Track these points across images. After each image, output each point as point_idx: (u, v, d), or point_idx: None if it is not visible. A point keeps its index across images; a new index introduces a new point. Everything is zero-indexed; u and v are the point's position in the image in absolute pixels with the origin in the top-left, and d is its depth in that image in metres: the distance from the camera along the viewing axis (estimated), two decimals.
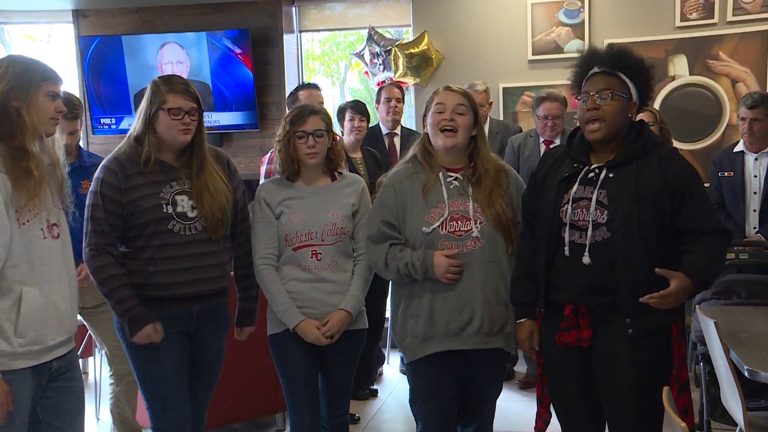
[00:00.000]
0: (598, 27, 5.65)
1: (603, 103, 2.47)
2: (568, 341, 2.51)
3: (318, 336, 2.84)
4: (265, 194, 2.94)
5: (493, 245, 2.69)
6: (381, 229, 2.76)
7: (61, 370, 2.39)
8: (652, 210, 2.40)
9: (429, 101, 2.79)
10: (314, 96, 4.32)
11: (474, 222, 2.68)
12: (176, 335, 2.78)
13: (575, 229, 2.49)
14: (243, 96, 6.15)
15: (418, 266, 2.66)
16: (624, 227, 2.40)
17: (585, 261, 2.45)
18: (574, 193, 2.51)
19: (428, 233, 2.67)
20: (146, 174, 2.72)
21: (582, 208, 2.48)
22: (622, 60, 2.53)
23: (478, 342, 2.69)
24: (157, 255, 2.72)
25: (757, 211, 4.33)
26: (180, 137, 2.73)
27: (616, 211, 2.42)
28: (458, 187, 2.73)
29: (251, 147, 6.34)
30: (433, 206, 2.70)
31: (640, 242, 2.39)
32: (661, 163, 2.45)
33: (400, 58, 5.86)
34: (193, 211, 2.76)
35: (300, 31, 6.47)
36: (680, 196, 2.42)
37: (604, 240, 2.43)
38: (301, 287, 2.88)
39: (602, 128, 2.49)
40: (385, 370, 5.23)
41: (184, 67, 6.13)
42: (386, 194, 2.79)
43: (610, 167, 2.48)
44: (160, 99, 2.71)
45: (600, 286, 2.44)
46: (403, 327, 2.77)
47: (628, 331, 2.42)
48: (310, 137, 2.88)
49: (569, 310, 2.51)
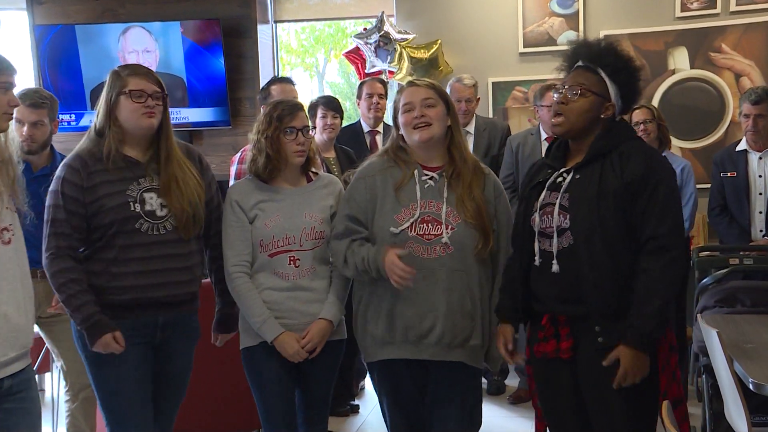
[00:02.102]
0: (593, 17, 5.67)
1: (572, 98, 2.51)
2: (546, 352, 2.53)
3: (298, 350, 2.82)
4: (237, 196, 2.92)
5: (462, 253, 2.70)
6: (347, 225, 2.78)
7: (14, 389, 2.31)
8: (613, 211, 2.41)
9: (396, 101, 2.83)
10: (287, 91, 4.29)
11: (445, 227, 2.69)
12: (140, 347, 2.75)
13: (545, 237, 2.53)
14: (214, 91, 6.12)
15: (370, 262, 2.68)
16: (585, 231, 2.43)
17: (554, 269, 2.48)
18: (541, 199, 2.55)
19: (396, 234, 2.69)
20: (111, 171, 2.70)
21: (547, 214, 2.52)
22: (605, 57, 2.54)
23: (437, 353, 2.71)
24: (121, 256, 2.70)
25: (763, 213, 4.36)
26: (144, 122, 2.72)
27: (577, 214, 2.45)
28: (433, 188, 2.75)
29: (223, 145, 6.31)
30: (404, 206, 2.72)
31: (602, 246, 2.41)
32: (622, 158, 2.46)
33: (405, 61, 5.81)
34: (163, 210, 2.74)
35: (275, 22, 6.46)
36: (633, 194, 2.42)
37: (570, 246, 2.46)
38: (278, 296, 2.86)
39: (563, 123, 2.53)
40: (367, 383, 5.20)
41: (153, 56, 6.09)
42: (356, 187, 2.81)
43: (577, 169, 2.52)
44: (121, 83, 2.70)
45: (571, 295, 2.47)
46: (363, 326, 2.81)
47: (597, 340, 2.44)
48: (300, 134, 2.88)
49: (546, 319, 2.54)
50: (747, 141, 4.47)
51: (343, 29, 12.72)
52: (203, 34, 6.03)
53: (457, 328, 2.71)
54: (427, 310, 2.69)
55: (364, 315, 2.81)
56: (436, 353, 2.72)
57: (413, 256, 2.68)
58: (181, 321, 2.85)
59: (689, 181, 4.49)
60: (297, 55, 13.60)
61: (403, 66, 5.79)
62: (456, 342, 2.72)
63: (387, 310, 2.73)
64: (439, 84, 2.93)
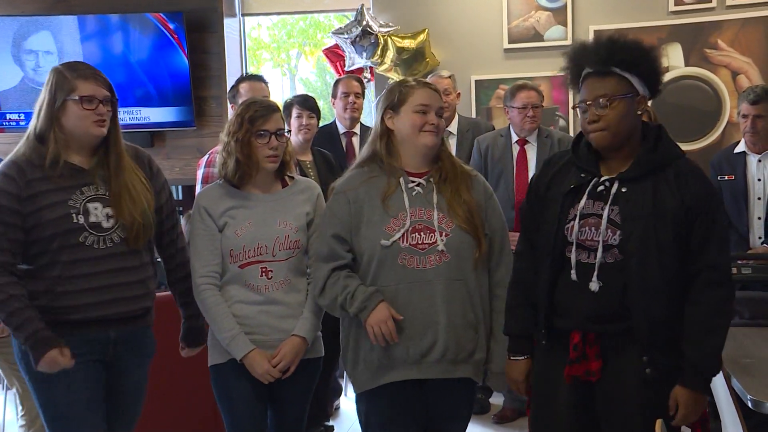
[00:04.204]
0: (582, 11, 5.70)
1: (601, 112, 2.43)
2: (578, 375, 2.46)
3: (268, 370, 2.81)
4: (205, 202, 2.91)
5: (459, 260, 2.69)
6: (332, 246, 2.74)
7: None
8: (672, 232, 2.37)
9: (399, 94, 2.78)
10: (258, 89, 4.28)
11: (439, 234, 2.68)
12: (90, 365, 2.72)
13: (582, 249, 2.47)
14: (177, 89, 6.09)
15: (359, 300, 2.64)
16: (640, 250, 2.38)
17: (593, 287, 2.42)
18: (581, 208, 2.48)
19: (388, 246, 2.66)
20: (52, 179, 2.66)
21: (590, 226, 2.45)
22: (614, 54, 2.46)
23: (441, 371, 2.69)
24: (66, 273, 2.66)
25: (762, 219, 4.38)
26: (94, 130, 2.69)
27: (632, 232, 2.39)
28: (421, 195, 2.74)
29: (187, 147, 6.29)
30: (392, 216, 2.70)
31: (657, 269, 2.37)
32: (679, 179, 2.42)
33: (390, 52, 5.79)
34: (109, 221, 2.71)
35: (243, 15, 6.45)
36: (692, 221, 2.39)
37: (617, 262, 2.41)
38: (249, 310, 2.85)
39: (606, 136, 2.45)
40: (343, 403, 5.19)
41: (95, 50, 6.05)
42: (337, 203, 2.77)
43: (623, 180, 2.45)
44: (69, 87, 2.66)
45: (610, 312, 2.42)
46: (356, 353, 2.76)
47: (645, 371, 2.40)
48: (273, 137, 2.86)
49: (579, 338, 2.46)
50: (745, 142, 4.50)
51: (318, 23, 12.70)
52: (165, 28, 6.00)
53: (461, 342, 2.69)
54: (427, 326, 2.66)
55: (356, 339, 2.76)
56: (441, 371, 2.69)
57: (406, 269, 2.67)
58: (135, 336, 2.83)
59: None
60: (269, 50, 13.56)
61: (387, 57, 5.78)
62: (461, 356, 2.70)
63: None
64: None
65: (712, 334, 2.36)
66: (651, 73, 2.50)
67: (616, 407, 2.45)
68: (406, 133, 2.76)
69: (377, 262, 2.68)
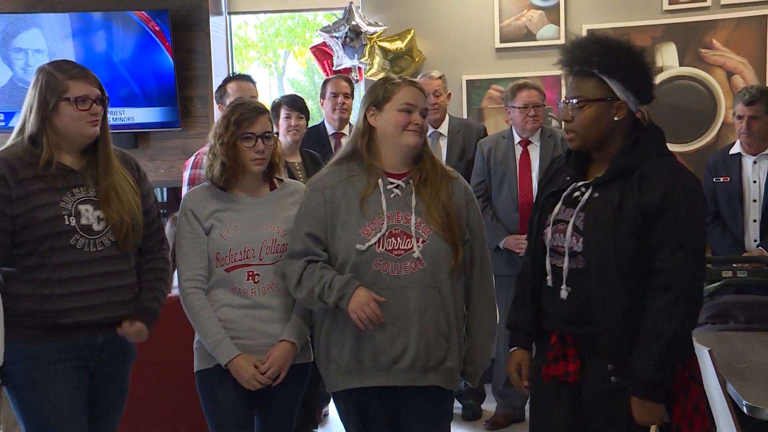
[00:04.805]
0: (575, 10, 5.70)
1: (574, 113, 2.48)
2: (556, 375, 2.51)
3: (254, 376, 2.80)
4: (192, 204, 2.90)
5: (435, 268, 2.69)
6: (306, 245, 2.74)
7: None
8: (632, 238, 2.38)
9: (384, 91, 2.78)
10: (245, 89, 4.28)
11: (416, 240, 2.68)
12: (73, 371, 2.71)
13: (556, 254, 2.52)
14: (162, 89, 6.06)
15: (336, 288, 2.64)
16: (599, 258, 2.41)
17: (562, 294, 2.47)
18: (555, 213, 2.53)
19: (363, 251, 2.67)
20: (44, 179, 2.66)
21: (560, 233, 2.51)
22: (593, 55, 2.47)
23: (410, 378, 2.71)
24: (55, 276, 2.65)
25: (758, 221, 4.39)
26: (89, 130, 2.70)
27: (592, 239, 2.42)
28: (399, 197, 2.74)
29: (172, 149, 6.26)
30: (369, 219, 2.70)
31: (616, 276, 2.38)
32: (642, 180, 2.40)
33: (377, 56, 5.78)
34: (100, 224, 2.71)
35: (229, 13, 6.43)
36: (651, 222, 2.38)
37: (579, 269, 2.45)
38: (235, 314, 2.84)
39: (576, 139, 2.51)
40: (331, 409, 5.18)
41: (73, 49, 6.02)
42: (314, 201, 2.77)
43: (596, 186, 2.48)
44: (61, 88, 2.66)
45: (578, 318, 2.47)
46: (327, 352, 2.78)
47: (611, 380, 2.42)
48: (259, 141, 2.85)
49: (555, 338, 2.53)
50: (741, 144, 4.51)
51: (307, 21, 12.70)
52: (150, 27, 5.98)
53: (432, 350, 2.70)
54: (398, 333, 2.68)
55: (326, 339, 2.78)
56: (410, 379, 2.71)
57: (381, 275, 2.67)
58: (121, 341, 2.82)
59: None
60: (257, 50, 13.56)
61: (375, 61, 5.77)
62: (431, 365, 2.71)
63: (353, 334, 2.70)
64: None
65: (655, 340, 2.34)
66: (636, 79, 2.48)
67: (598, 411, 2.49)
68: (388, 132, 2.76)
69: (351, 266, 2.69)
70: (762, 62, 5.44)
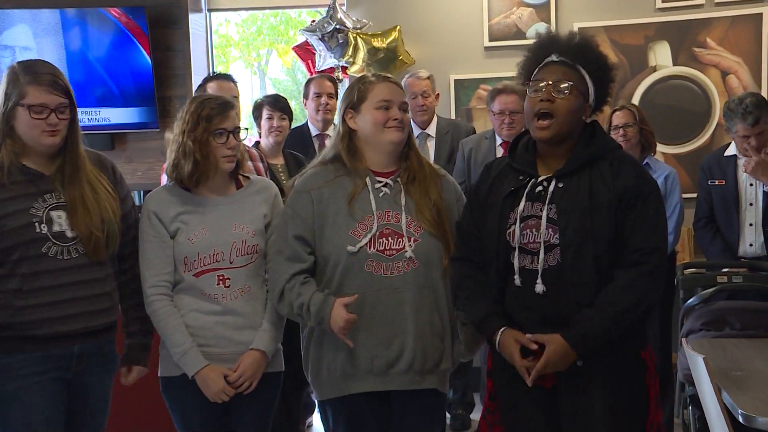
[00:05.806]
0: (566, 8, 5.72)
1: (558, 96, 2.51)
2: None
3: (223, 388, 2.78)
4: (155, 207, 2.86)
5: (428, 267, 2.70)
6: (294, 248, 2.73)
7: None
8: (608, 222, 2.46)
9: (359, 92, 2.79)
10: (226, 89, 4.27)
11: (408, 239, 2.68)
12: (49, 383, 2.69)
13: (526, 254, 2.53)
14: (139, 88, 6.05)
15: (313, 312, 2.65)
16: (575, 246, 2.45)
17: (538, 289, 2.49)
18: (521, 211, 2.54)
19: (354, 252, 2.67)
20: (10, 186, 2.63)
21: (531, 228, 2.52)
22: (586, 52, 2.57)
23: (407, 382, 2.70)
24: (26, 286, 2.63)
25: (754, 225, 4.39)
26: (44, 140, 2.65)
27: (567, 225, 2.46)
28: (389, 196, 2.74)
29: (150, 150, 6.24)
30: (359, 219, 2.70)
31: (592, 260, 2.45)
32: (613, 168, 2.51)
33: (361, 52, 5.77)
34: (73, 230, 2.68)
35: (209, 10, 6.43)
36: (625, 206, 2.48)
37: (558, 264, 2.48)
38: (205, 321, 2.82)
39: (553, 126, 2.52)
40: (316, 420, 5.17)
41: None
42: (300, 202, 2.76)
43: (560, 177, 2.53)
44: (19, 92, 2.62)
45: (557, 317, 2.48)
46: (318, 359, 2.76)
47: (576, 363, 2.46)
48: (231, 136, 2.83)
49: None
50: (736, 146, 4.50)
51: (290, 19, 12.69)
52: (126, 24, 5.96)
53: (428, 352, 2.70)
54: (394, 335, 2.68)
55: (318, 345, 2.77)
56: (407, 382, 2.70)
57: (373, 276, 2.67)
58: (99, 350, 2.80)
59: (674, 191, 4.52)
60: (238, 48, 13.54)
61: (358, 57, 5.76)
62: (427, 367, 2.71)
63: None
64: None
65: (609, 304, 2.43)
66: (605, 87, 2.63)
67: (578, 414, 2.52)
68: (369, 132, 2.76)
69: (343, 268, 2.68)
70: (757, 62, 5.47)
